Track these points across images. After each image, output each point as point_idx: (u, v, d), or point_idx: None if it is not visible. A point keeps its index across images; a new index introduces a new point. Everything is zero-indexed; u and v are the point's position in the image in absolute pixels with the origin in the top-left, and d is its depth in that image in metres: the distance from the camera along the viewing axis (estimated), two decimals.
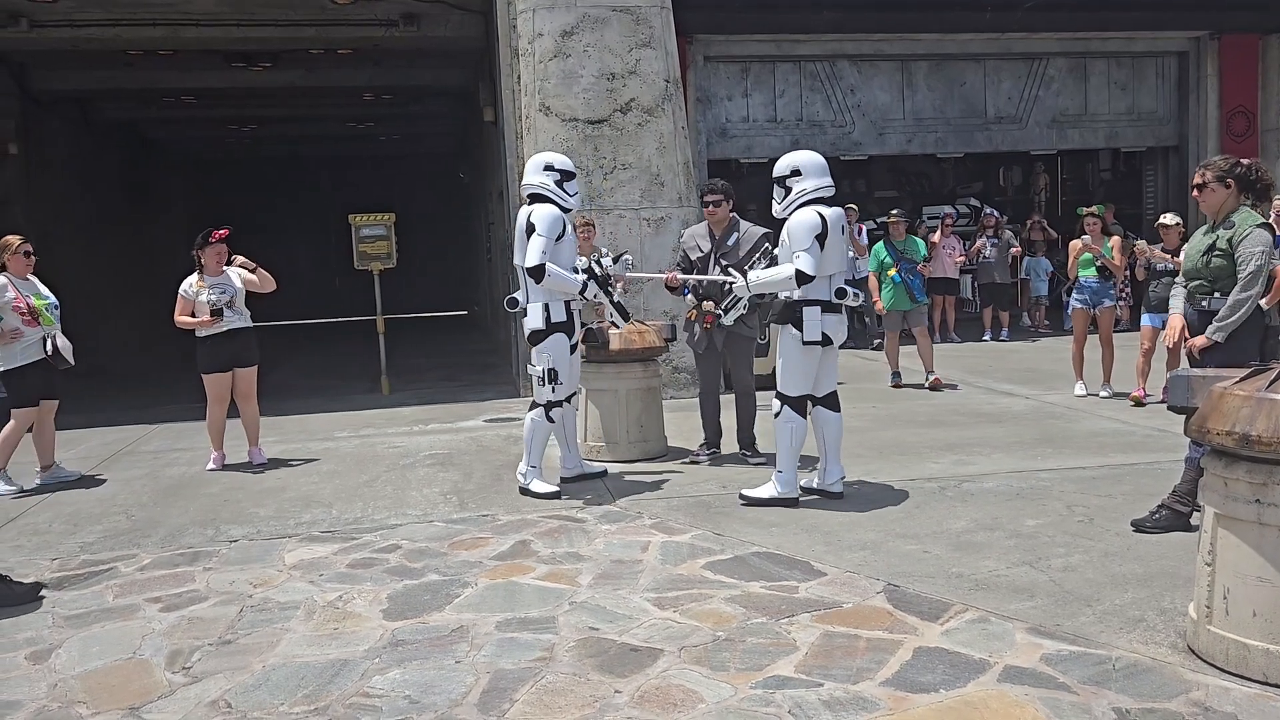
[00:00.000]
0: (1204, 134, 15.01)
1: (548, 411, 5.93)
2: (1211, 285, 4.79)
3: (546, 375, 5.83)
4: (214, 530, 5.58)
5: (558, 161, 5.98)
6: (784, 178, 5.48)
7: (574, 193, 5.98)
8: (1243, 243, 4.64)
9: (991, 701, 3.10)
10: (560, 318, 5.87)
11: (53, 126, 16.09)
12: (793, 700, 3.17)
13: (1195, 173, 4.89)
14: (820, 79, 14.57)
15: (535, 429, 5.96)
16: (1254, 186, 4.78)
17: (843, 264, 5.53)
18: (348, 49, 14.10)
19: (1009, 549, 4.59)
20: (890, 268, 9.49)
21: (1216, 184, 4.74)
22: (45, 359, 6.69)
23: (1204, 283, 4.83)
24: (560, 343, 5.89)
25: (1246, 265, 4.62)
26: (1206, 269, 4.78)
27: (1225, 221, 4.75)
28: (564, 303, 5.89)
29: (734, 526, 5.12)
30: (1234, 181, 4.73)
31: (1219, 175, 4.75)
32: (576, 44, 9.73)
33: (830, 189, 5.47)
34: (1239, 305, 4.63)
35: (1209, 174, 4.77)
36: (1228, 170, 4.75)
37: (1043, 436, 7.10)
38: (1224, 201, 4.75)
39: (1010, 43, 14.67)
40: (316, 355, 16.74)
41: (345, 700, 3.33)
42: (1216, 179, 4.75)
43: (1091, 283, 8.73)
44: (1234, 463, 3.19)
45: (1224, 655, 3.21)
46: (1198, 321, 4.86)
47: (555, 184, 5.86)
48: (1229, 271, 4.71)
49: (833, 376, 5.63)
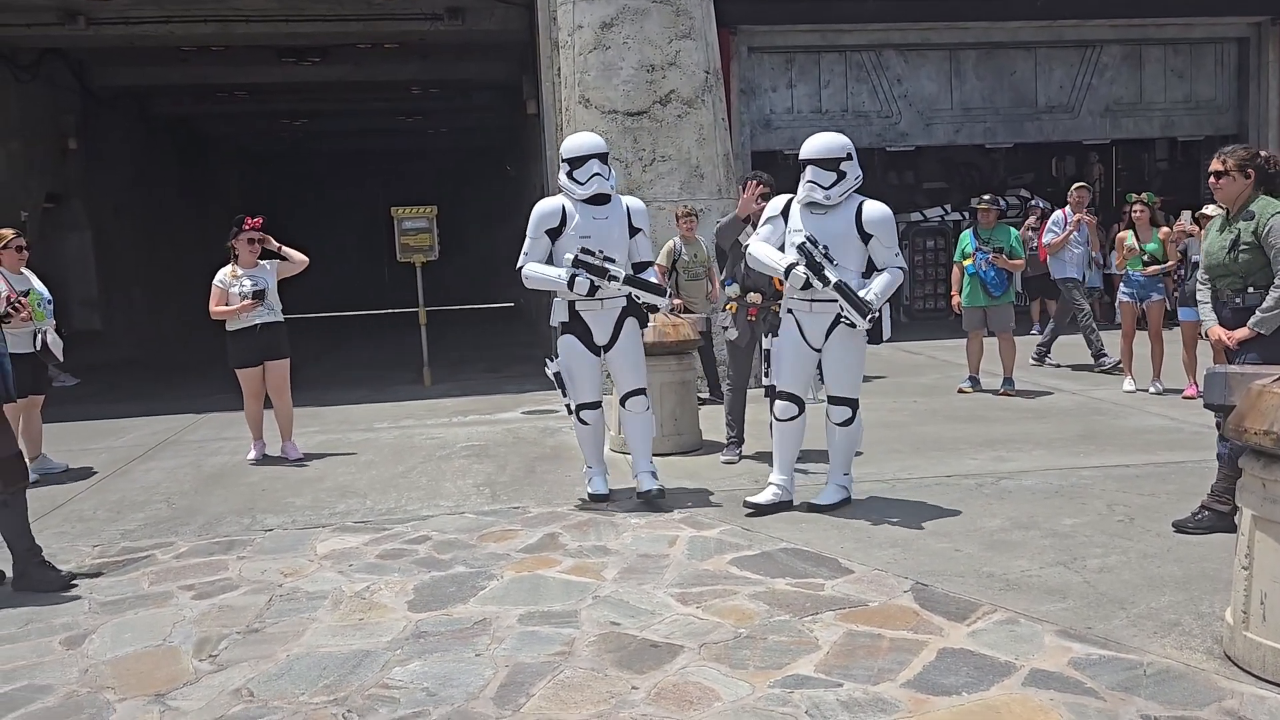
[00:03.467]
0: (1265, 122, 14.54)
1: (577, 415, 5.57)
2: (1244, 280, 4.59)
3: (555, 380, 5.55)
4: (250, 519, 5.67)
5: (565, 150, 5.50)
6: (838, 160, 5.05)
7: (586, 178, 5.32)
8: (1270, 233, 4.45)
9: (1014, 705, 3.02)
10: (561, 318, 5.45)
11: (111, 122, 16.48)
12: (810, 700, 3.12)
13: (1215, 159, 4.68)
14: (866, 69, 14.37)
15: (576, 433, 5.74)
16: (1273, 179, 4.61)
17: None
18: (394, 43, 14.23)
19: (1044, 548, 4.49)
20: (968, 258, 8.69)
21: (1237, 173, 4.57)
22: (34, 354, 6.67)
23: (1235, 279, 4.62)
24: (570, 345, 5.46)
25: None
26: (1236, 264, 4.58)
27: (1244, 213, 4.56)
28: (567, 303, 5.40)
29: (763, 522, 5.07)
30: (1254, 172, 4.57)
31: (1240, 164, 4.57)
32: (616, 36, 9.70)
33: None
34: None
35: (1230, 162, 4.59)
36: (1249, 160, 4.59)
37: (1087, 433, 6.94)
38: (1242, 192, 4.58)
39: (1062, 30, 14.33)
40: (363, 347, 16.93)
41: (364, 691, 3.36)
42: (1238, 168, 4.57)
43: (1138, 276, 8.49)
44: (1272, 463, 3.07)
45: (1260, 662, 3.10)
46: (1233, 318, 4.65)
47: (566, 175, 5.42)
48: (1260, 263, 4.51)
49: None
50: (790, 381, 5.27)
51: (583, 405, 5.54)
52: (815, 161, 5.08)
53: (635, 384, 5.58)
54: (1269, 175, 4.60)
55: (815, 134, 5.28)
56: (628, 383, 5.58)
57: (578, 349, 5.48)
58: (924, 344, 12.21)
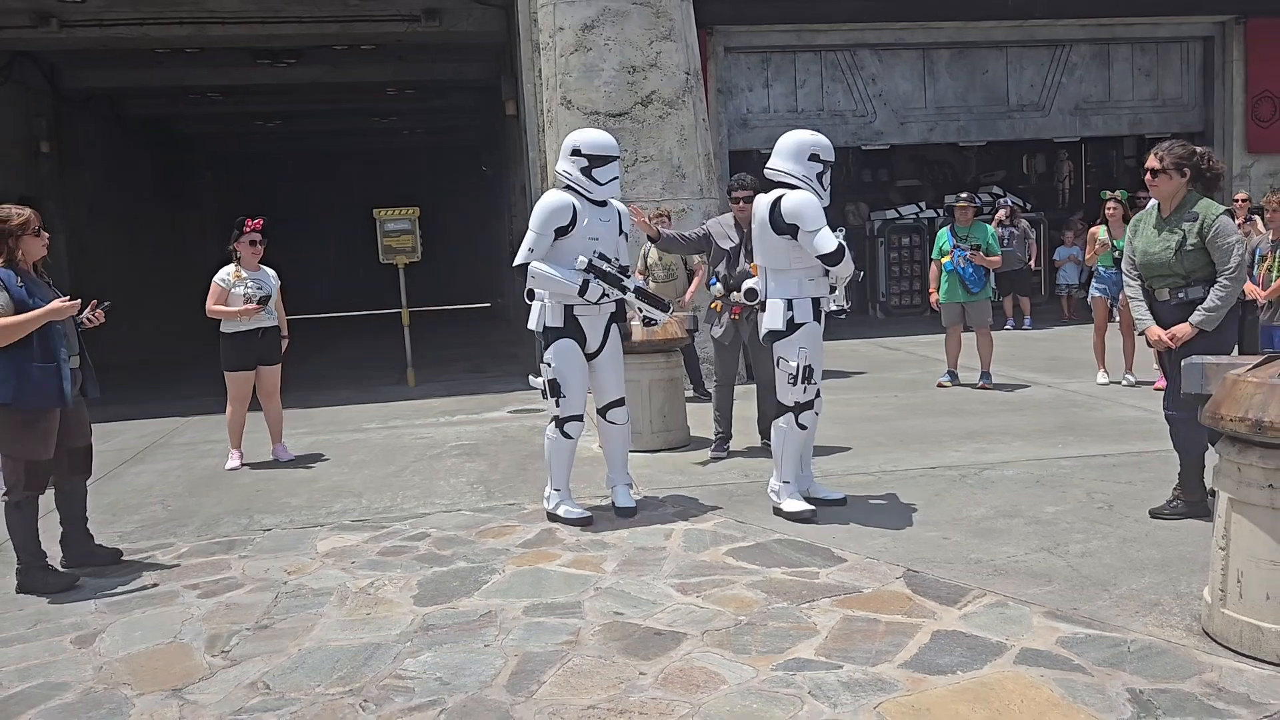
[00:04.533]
0: (1229, 120, 14.88)
1: (561, 428, 5.22)
2: (1185, 279, 4.68)
3: (548, 389, 5.16)
4: (248, 519, 5.72)
5: (585, 144, 5.15)
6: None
7: (607, 180, 5.16)
8: (1216, 234, 4.57)
9: (1007, 683, 3.17)
10: (554, 322, 5.13)
11: (84, 124, 16.38)
12: (813, 682, 3.25)
13: (1151, 156, 4.75)
14: (841, 68, 14.56)
15: (552, 449, 5.25)
16: (1204, 176, 4.74)
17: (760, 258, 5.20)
18: (371, 44, 14.25)
19: (1028, 535, 4.65)
20: (946, 255, 8.79)
21: (1174, 171, 4.66)
22: None
23: (1177, 278, 4.70)
24: (566, 349, 5.14)
25: (1229, 258, 4.55)
26: (1180, 264, 4.66)
27: (1186, 213, 4.66)
28: (562, 306, 5.14)
29: (756, 515, 5.20)
30: (1190, 170, 4.67)
31: (1176, 162, 4.66)
32: (597, 37, 9.80)
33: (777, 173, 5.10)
34: (1230, 297, 4.57)
35: (1167, 160, 4.66)
36: (1185, 158, 4.66)
37: (1064, 424, 7.13)
38: (1177, 190, 4.68)
39: (1033, 30, 14.59)
40: (345, 348, 16.94)
41: (379, 682, 3.45)
42: (1174, 166, 4.66)
43: (1111, 272, 8.71)
44: (1247, 449, 3.24)
45: (1237, 638, 3.27)
46: (1173, 314, 4.71)
47: (581, 171, 5.13)
48: (1203, 262, 4.62)
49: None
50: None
51: (571, 417, 5.22)
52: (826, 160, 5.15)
53: (619, 393, 5.37)
54: (1203, 173, 4.70)
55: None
56: (612, 391, 5.35)
57: (576, 354, 5.19)
58: (902, 340, 12.41)
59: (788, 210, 4.98)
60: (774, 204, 5.04)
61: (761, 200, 5.21)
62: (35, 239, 4.63)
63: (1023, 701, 3.04)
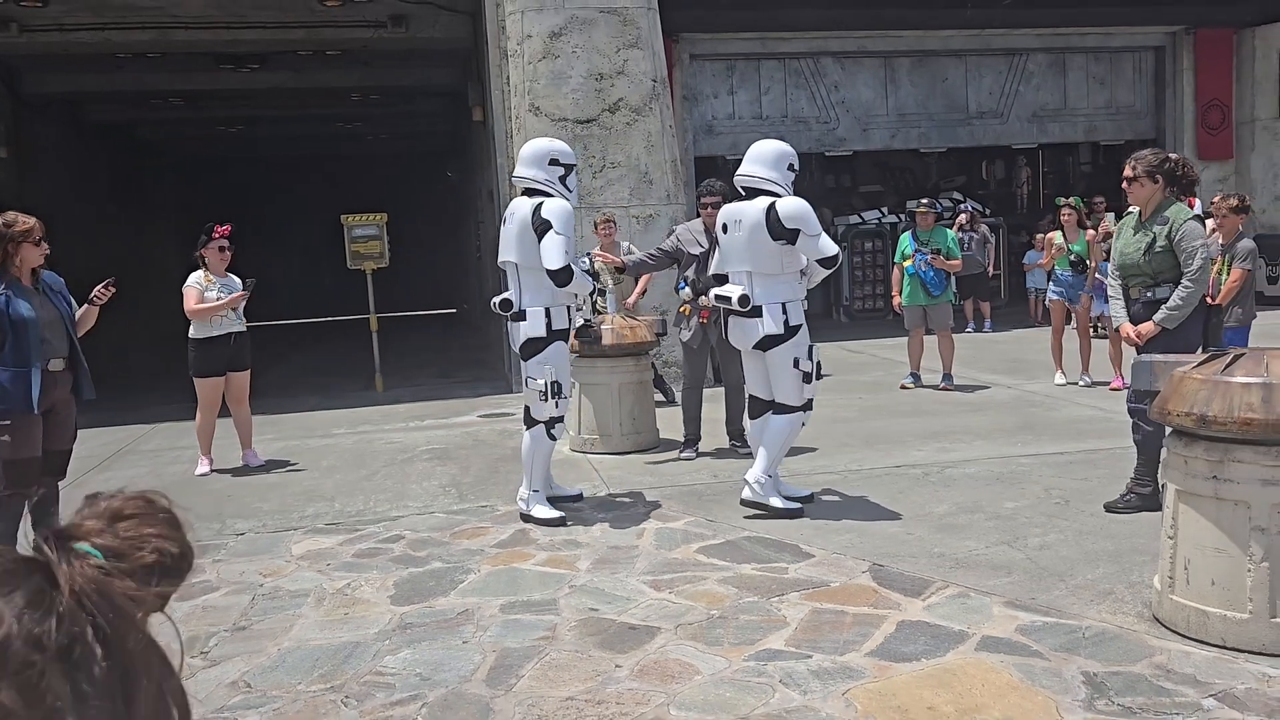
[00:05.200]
0: (1180, 127, 15.28)
1: (549, 429, 5.40)
2: (1153, 279, 4.94)
3: (550, 390, 5.28)
4: (220, 524, 5.74)
5: (563, 155, 5.43)
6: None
7: (574, 187, 5.49)
8: (1183, 238, 4.82)
9: (969, 668, 3.30)
10: (562, 324, 5.38)
11: (43, 129, 16.17)
12: (784, 671, 3.37)
13: (1126, 165, 5.02)
14: (805, 76, 14.77)
15: (536, 449, 5.39)
16: (1179, 181, 4.99)
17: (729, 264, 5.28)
18: (337, 50, 14.23)
19: (988, 530, 4.81)
20: (908, 259, 8.93)
21: (1146, 178, 4.91)
22: None
23: (1146, 277, 4.96)
24: (561, 351, 5.39)
25: (1192, 260, 4.79)
26: (1149, 264, 4.92)
27: (1159, 217, 4.90)
28: (566, 307, 5.43)
29: (726, 513, 5.32)
30: (1162, 176, 4.91)
31: (1149, 170, 4.91)
32: (565, 45, 9.90)
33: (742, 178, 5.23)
34: (1191, 298, 4.80)
35: (1140, 167, 4.93)
36: (1157, 165, 4.92)
37: (1023, 424, 7.32)
38: (1152, 195, 4.92)
39: (990, 39, 14.91)
40: (312, 354, 16.87)
41: (360, 679, 3.52)
42: (1146, 173, 4.91)
43: (1067, 276, 8.94)
44: (1193, 442, 3.40)
45: (1185, 622, 3.43)
46: (1142, 312, 4.98)
47: (559, 179, 5.36)
48: (1170, 264, 4.87)
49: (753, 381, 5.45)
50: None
51: (560, 419, 5.45)
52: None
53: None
54: (1177, 178, 4.96)
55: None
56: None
57: (567, 355, 5.47)
58: (865, 343, 12.62)
59: (788, 215, 5.08)
60: (769, 210, 5.10)
61: (747, 206, 5.21)
62: (34, 248, 4.64)
63: (984, 685, 3.18)
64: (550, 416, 5.37)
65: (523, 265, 5.33)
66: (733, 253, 5.28)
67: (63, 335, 4.80)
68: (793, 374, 5.21)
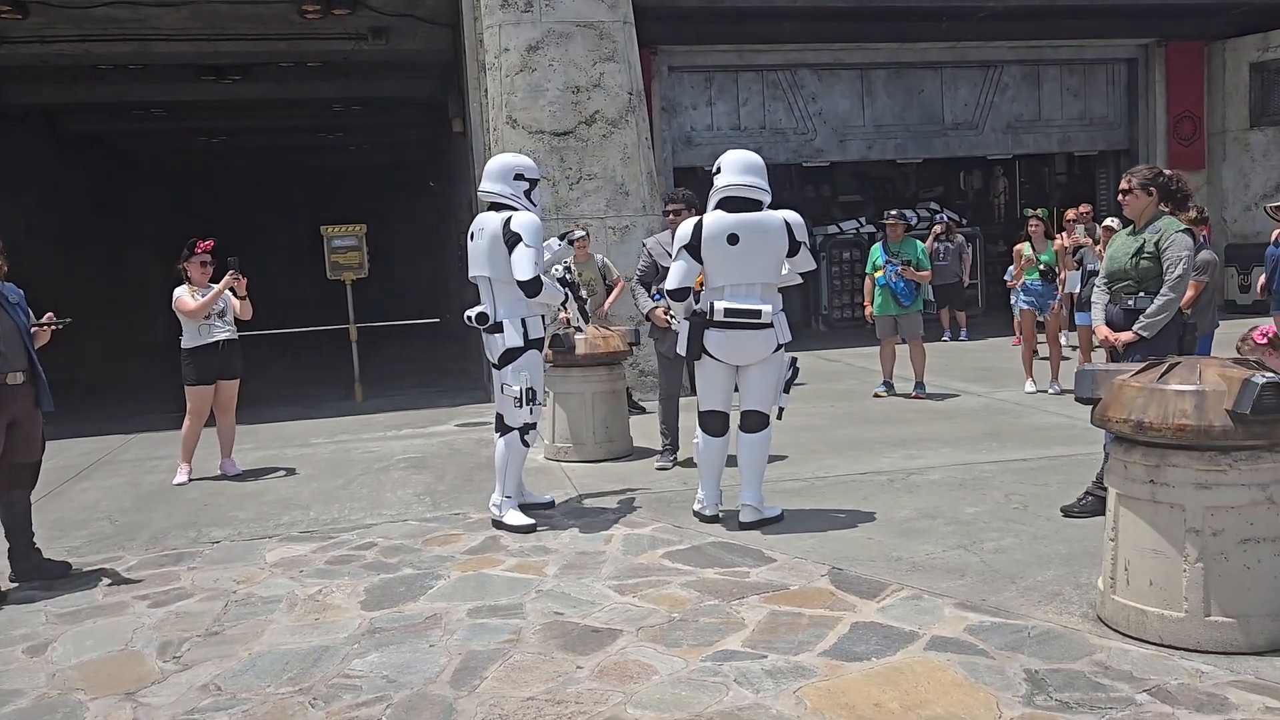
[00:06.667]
0: (1153, 138, 15.53)
1: (523, 435, 5.50)
2: (1138, 285, 5.13)
3: (525, 396, 5.38)
4: (196, 532, 5.81)
5: (528, 170, 5.58)
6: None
7: (538, 201, 5.67)
8: (1169, 248, 5.00)
9: (916, 667, 3.42)
10: (538, 334, 5.49)
11: (22, 140, 16.19)
12: (738, 670, 3.48)
13: (1123, 178, 5.25)
14: (782, 88, 14.94)
15: (510, 455, 5.49)
16: (1174, 195, 5.17)
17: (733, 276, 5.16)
18: (317, 62, 14.32)
19: (946, 534, 4.93)
20: (879, 270, 9.07)
21: (1140, 191, 5.11)
22: None
23: (1131, 283, 5.16)
24: (537, 360, 5.50)
25: (1174, 269, 4.97)
26: (1135, 271, 5.12)
27: (1151, 227, 5.11)
28: (540, 317, 5.56)
29: (693, 520, 5.42)
30: (1156, 190, 5.11)
31: (1143, 183, 5.11)
32: (542, 58, 10.03)
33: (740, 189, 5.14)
34: (1168, 305, 4.97)
35: (1134, 181, 5.14)
36: (1151, 179, 5.13)
37: (990, 431, 7.46)
38: (1146, 207, 5.12)
39: (966, 51, 15.11)
40: (291, 364, 16.89)
41: (328, 681, 3.60)
42: (1140, 186, 5.11)
43: (1037, 285, 9.12)
44: (1131, 447, 3.53)
45: (1125, 621, 3.56)
46: (1123, 319, 5.19)
47: (524, 194, 5.50)
48: (1155, 273, 5.05)
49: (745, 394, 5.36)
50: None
51: (533, 425, 5.55)
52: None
53: None
54: (1169, 191, 5.15)
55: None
56: None
57: (541, 363, 5.59)
58: (842, 352, 12.77)
59: (798, 227, 5.22)
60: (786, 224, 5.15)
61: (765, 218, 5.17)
62: None
63: (929, 683, 3.30)
64: (524, 423, 5.48)
65: (496, 279, 5.42)
66: (746, 265, 5.15)
67: (19, 347, 4.86)
68: (782, 380, 5.36)
